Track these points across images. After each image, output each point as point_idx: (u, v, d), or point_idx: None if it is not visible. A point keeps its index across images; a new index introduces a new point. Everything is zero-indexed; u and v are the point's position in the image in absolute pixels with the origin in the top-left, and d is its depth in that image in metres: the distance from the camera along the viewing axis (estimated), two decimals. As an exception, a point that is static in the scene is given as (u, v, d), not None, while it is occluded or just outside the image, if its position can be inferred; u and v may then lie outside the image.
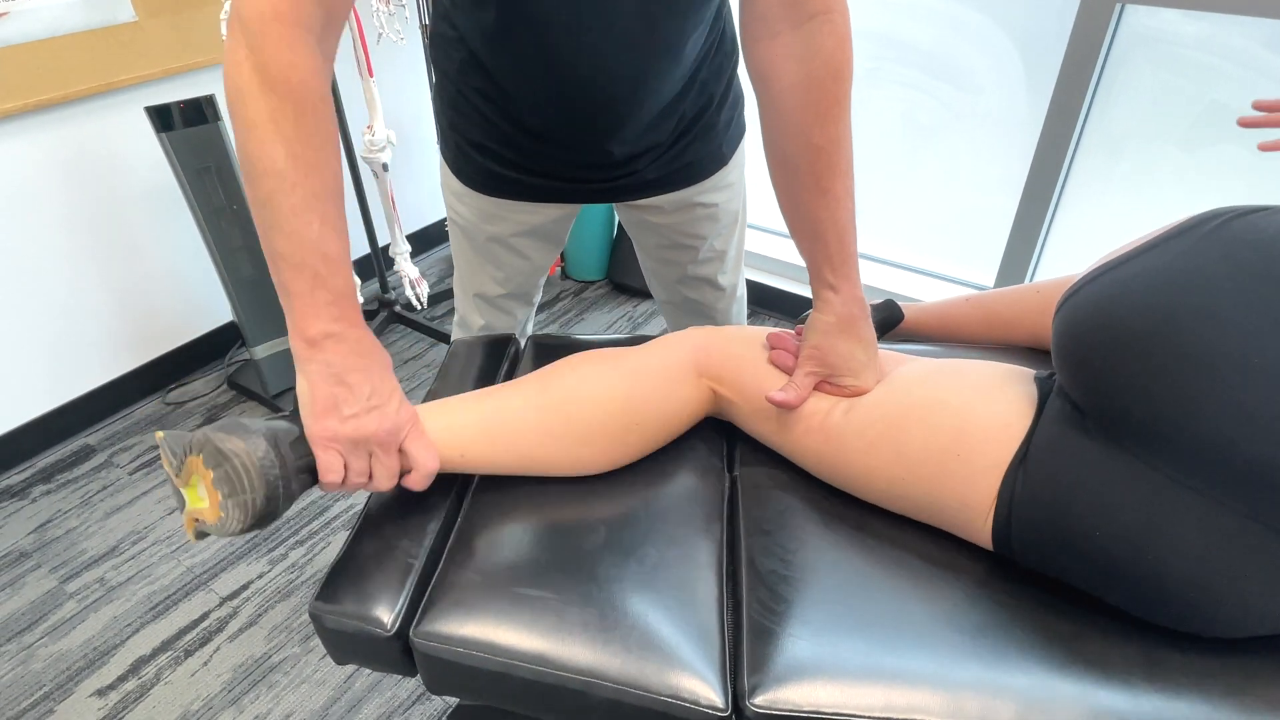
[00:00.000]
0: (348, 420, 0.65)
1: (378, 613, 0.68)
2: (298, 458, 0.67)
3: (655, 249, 1.16)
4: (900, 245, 2.11)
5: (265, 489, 0.64)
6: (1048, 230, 1.81)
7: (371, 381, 0.66)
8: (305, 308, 0.64)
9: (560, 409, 0.76)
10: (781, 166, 0.78)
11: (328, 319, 0.64)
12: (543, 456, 0.76)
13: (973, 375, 0.74)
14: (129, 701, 1.33)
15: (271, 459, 0.64)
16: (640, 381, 0.79)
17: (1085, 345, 0.64)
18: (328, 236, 0.63)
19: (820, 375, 0.77)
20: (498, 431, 0.75)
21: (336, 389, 0.65)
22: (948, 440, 0.69)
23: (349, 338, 0.65)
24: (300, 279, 0.63)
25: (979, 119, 1.83)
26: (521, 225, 1.07)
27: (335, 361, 0.65)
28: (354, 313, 0.66)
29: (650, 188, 1.05)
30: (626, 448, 0.79)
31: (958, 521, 0.71)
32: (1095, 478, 0.62)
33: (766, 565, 0.71)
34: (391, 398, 0.68)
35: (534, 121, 0.92)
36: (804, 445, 0.78)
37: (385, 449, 0.68)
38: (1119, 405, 0.61)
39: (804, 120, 0.74)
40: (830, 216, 0.75)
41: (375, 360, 0.67)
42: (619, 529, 0.73)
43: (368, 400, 0.66)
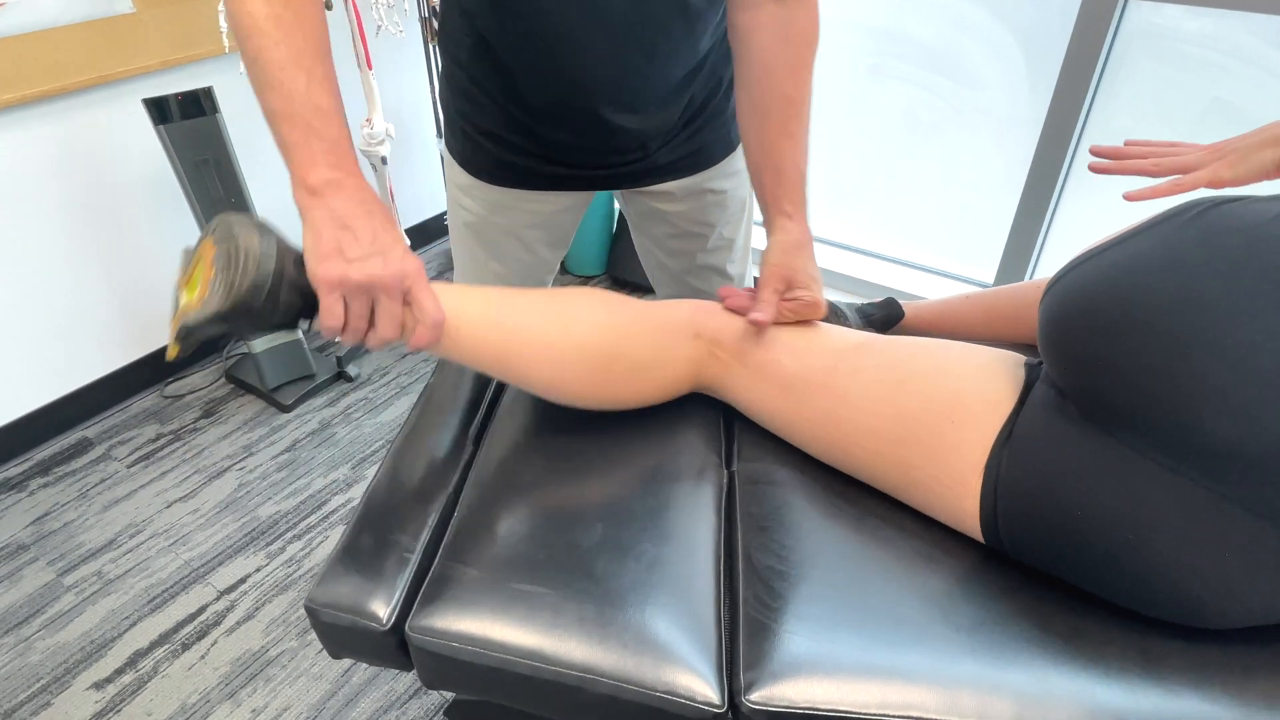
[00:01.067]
0: (353, 262, 0.64)
1: (373, 607, 0.68)
2: (298, 275, 0.67)
3: (664, 239, 1.16)
4: (901, 241, 2.10)
5: (256, 275, 0.65)
6: (1048, 227, 1.80)
7: (374, 227, 0.66)
8: (303, 157, 0.66)
9: (560, 318, 0.78)
10: (754, 113, 0.86)
11: (325, 166, 0.66)
12: (529, 361, 0.77)
13: (968, 352, 0.76)
14: (126, 694, 1.33)
15: (272, 254, 0.66)
16: (638, 321, 0.82)
17: (1065, 329, 0.65)
18: (316, 90, 0.66)
19: (781, 292, 0.82)
20: (495, 320, 0.76)
21: (341, 233, 0.65)
22: (944, 407, 0.71)
23: (348, 185, 0.67)
24: (295, 130, 0.65)
25: (980, 115, 1.83)
26: (533, 216, 1.07)
27: (338, 207, 0.65)
28: (351, 162, 0.68)
29: (661, 173, 1.05)
30: (610, 381, 0.80)
31: (949, 504, 0.71)
32: (1076, 460, 0.63)
33: (763, 561, 0.70)
34: (395, 245, 0.67)
35: (542, 100, 0.92)
36: (806, 404, 0.78)
37: (390, 294, 0.66)
38: (1098, 388, 0.62)
39: (779, 74, 0.84)
40: (793, 155, 0.85)
41: (377, 208, 0.68)
42: (616, 525, 0.73)
43: (371, 244, 0.65)
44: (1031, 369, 0.72)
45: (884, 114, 1.96)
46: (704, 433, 0.85)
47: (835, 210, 2.17)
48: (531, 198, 1.04)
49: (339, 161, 0.66)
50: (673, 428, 0.85)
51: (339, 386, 2.00)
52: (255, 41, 0.65)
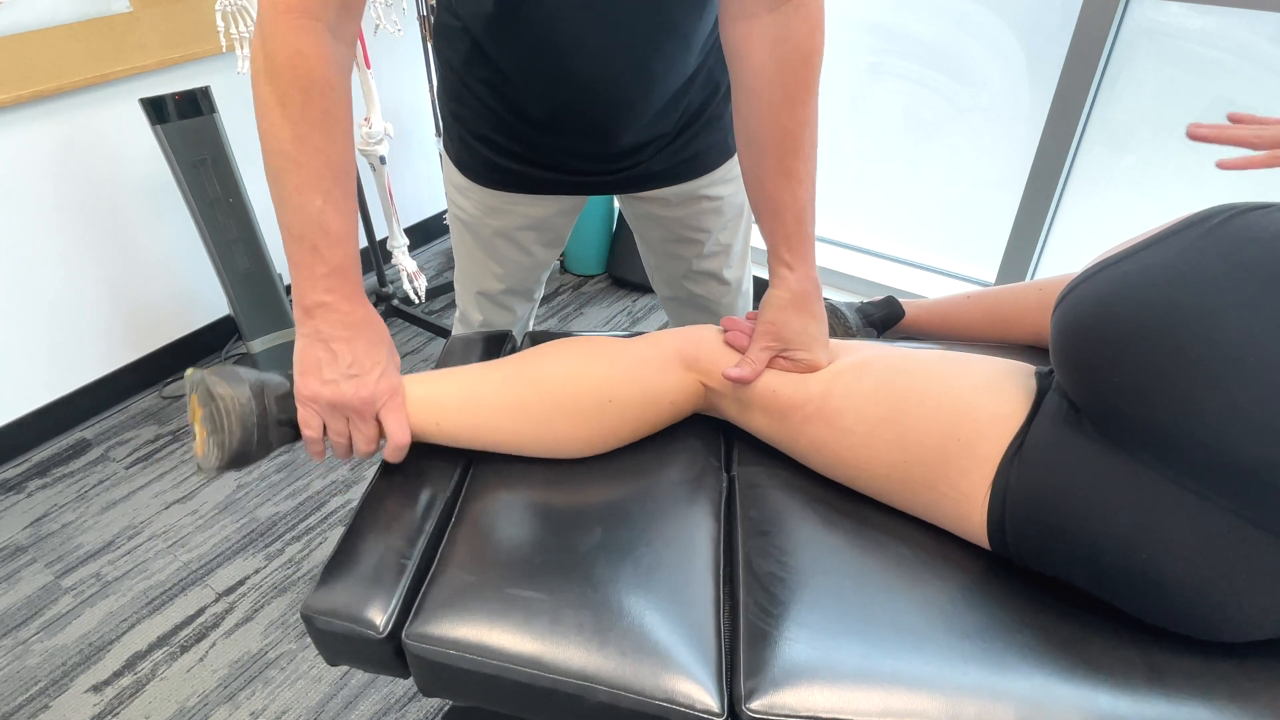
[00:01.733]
0: (326, 383, 0.70)
1: (370, 614, 0.67)
2: (280, 411, 0.72)
3: (660, 243, 1.15)
4: (901, 240, 2.10)
5: (241, 432, 0.70)
6: (1050, 225, 1.80)
7: (354, 351, 0.70)
8: (303, 278, 0.69)
9: (535, 382, 0.78)
10: (749, 145, 0.80)
11: (321, 290, 0.69)
12: (517, 430, 0.78)
13: (973, 365, 0.74)
14: (124, 697, 1.33)
15: (252, 407, 0.71)
16: (618, 361, 0.80)
17: (1081, 343, 0.64)
18: (328, 213, 0.68)
19: (775, 350, 0.79)
20: (474, 403, 0.77)
21: (321, 353, 0.70)
22: (948, 424, 0.69)
23: (339, 309, 0.70)
24: (300, 250, 0.69)
25: (982, 113, 1.82)
26: (525, 219, 1.06)
27: (324, 329, 0.70)
28: (348, 286, 0.71)
29: (655, 180, 1.04)
30: (603, 426, 0.79)
31: (955, 514, 0.70)
32: (1090, 475, 0.62)
33: (763, 567, 0.70)
34: (373, 369, 0.71)
35: (538, 111, 0.91)
36: (803, 433, 0.77)
37: (360, 416, 0.72)
38: (1114, 403, 0.61)
39: (773, 102, 0.76)
40: (791, 197, 0.78)
41: (363, 332, 0.71)
42: (615, 529, 0.72)
43: (348, 368, 0.70)
44: (1042, 378, 0.71)
45: (884, 112, 1.95)
46: (704, 437, 0.85)
47: (835, 209, 2.16)
48: (525, 201, 1.03)
49: (336, 285, 0.70)
50: (672, 432, 0.84)
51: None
52: (277, 162, 0.68)
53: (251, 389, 0.71)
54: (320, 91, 0.67)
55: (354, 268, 0.71)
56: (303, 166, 0.67)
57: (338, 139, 0.69)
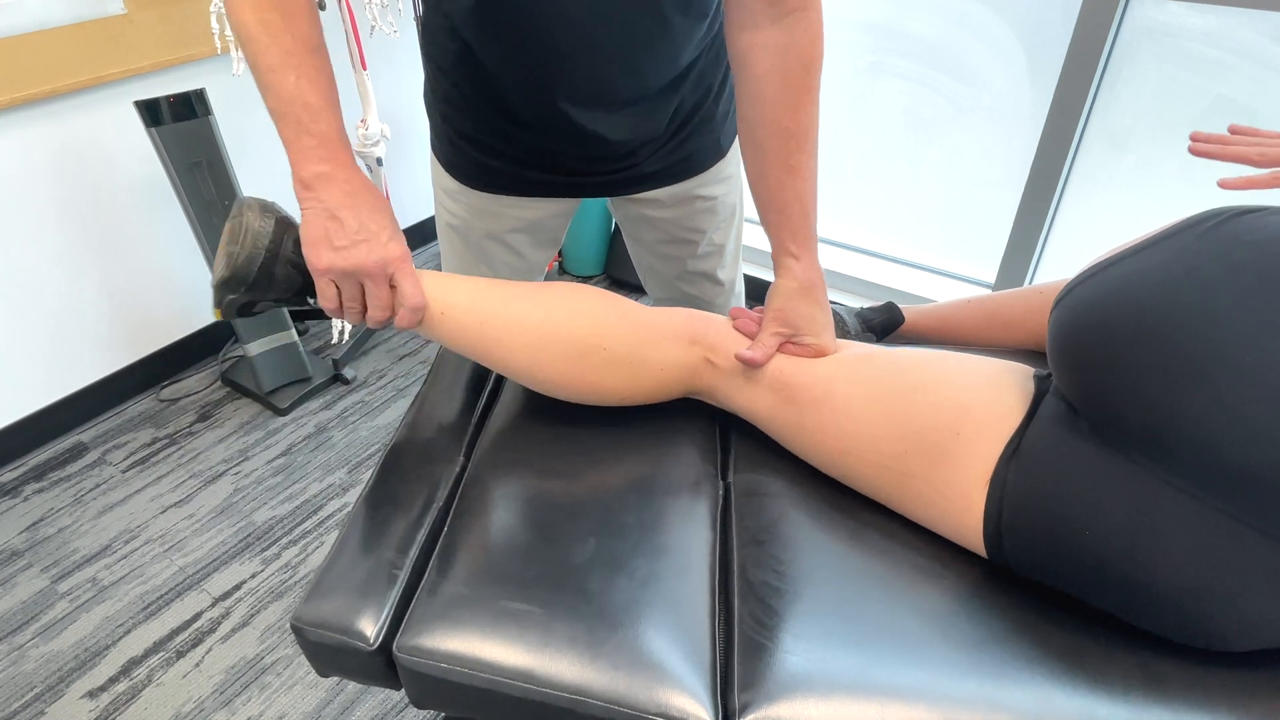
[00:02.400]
0: (339, 250, 0.71)
1: (360, 626, 0.66)
2: (295, 253, 0.75)
3: (654, 244, 1.15)
4: (901, 241, 2.08)
5: (249, 250, 0.73)
6: (1050, 225, 1.79)
7: (359, 217, 0.71)
8: (295, 153, 0.71)
9: (541, 303, 0.79)
10: (752, 146, 0.82)
11: (315, 160, 0.71)
12: (508, 343, 0.78)
13: (974, 365, 0.74)
14: (120, 703, 1.32)
15: (268, 234, 0.74)
16: (623, 317, 0.81)
17: (1078, 345, 0.63)
18: (305, 87, 0.70)
19: (784, 335, 0.80)
20: (478, 302, 0.79)
21: (328, 223, 0.71)
22: (948, 419, 0.69)
23: (337, 177, 0.71)
24: (287, 128, 0.71)
25: (982, 113, 1.81)
26: (518, 221, 1.05)
27: (327, 198, 0.71)
28: (341, 154, 0.72)
29: (649, 181, 1.03)
30: (588, 369, 0.79)
31: (951, 515, 0.69)
32: (1086, 477, 0.61)
33: (759, 577, 0.69)
34: (380, 233, 0.72)
35: (527, 112, 0.91)
36: (806, 417, 0.76)
37: (374, 279, 0.73)
38: (1111, 406, 0.61)
39: (777, 106, 0.79)
40: (795, 192, 0.81)
41: (364, 198, 0.72)
42: (609, 540, 0.71)
43: (356, 234, 0.71)
44: (1041, 381, 0.70)
45: (884, 112, 1.94)
46: (699, 443, 0.84)
47: (835, 209, 2.15)
48: (516, 203, 1.02)
49: (329, 155, 0.71)
50: (667, 439, 0.84)
51: (335, 389, 1.99)
52: (250, 48, 0.70)
53: (277, 224, 0.75)
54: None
55: (341, 138, 0.73)
56: (271, 48, 0.70)
57: (302, 16, 0.71)
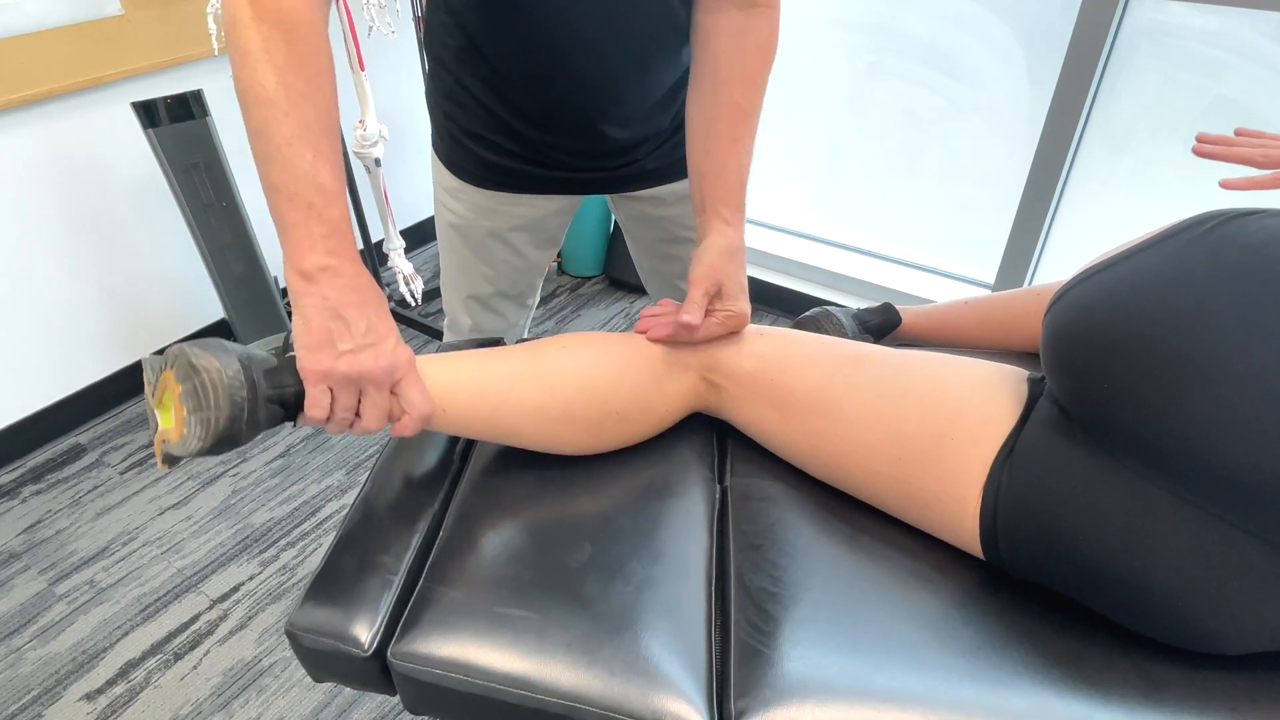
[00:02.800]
0: (343, 356, 0.63)
1: (355, 632, 0.66)
2: (270, 387, 0.65)
3: (654, 244, 1.14)
4: (900, 242, 2.08)
5: (230, 409, 0.62)
6: (1050, 226, 1.78)
7: (368, 317, 0.65)
8: (300, 239, 0.63)
9: (544, 382, 0.76)
10: (702, 115, 0.84)
11: (323, 252, 0.63)
12: (519, 428, 0.76)
13: (969, 368, 0.74)
14: (117, 706, 1.32)
15: (240, 381, 0.63)
16: (629, 370, 0.79)
17: (1070, 348, 0.63)
18: (321, 168, 0.63)
19: (712, 293, 0.79)
20: (480, 394, 0.74)
21: (333, 323, 0.63)
22: (944, 423, 0.69)
23: (344, 272, 0.64)
24: (294, 210, 0.63)
25: (981, 113, 1.80)
26: (519, 219, 1.05)
27: (331, 296, 0.63)
28: (349, 247, 0.66)
29: (650, 178, 1.03)
30: (604, 433, 0.78)
31: (948, 519, 0.69)
32: (1079, 481, 0.61)
33: (755, 582, 0.68)
34: (388, 336, 0.66)
35: (532, 107, 0.91)
36: (802, 424, 0.76)
37: (378, 387, 0.66)
38: (1103, 409, 0.60)
39: (730, 80, 0.82)
40: (736, 162, 0.83)
41: (371, 297, 0.66)
42: (605, 545, 0.71)
43: (364, 336, 0.64)
44: (1035, 384, 0.70)
45: (883, 112, 1.93)
46: (696, 447, 0.83)
47: (833, 210, 2.15)
48: (518, 201, 1.02)
49: (337, 247, 0.64)
50: (665, 443, 0.83)
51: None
52: (262, 113, 0.62)
53: (240, 361, 0.64)
54: (304, 35, 0.63)
55: (349, 229, 0.67)
56: (290, 117, 0.62)
57: (324, 86, 0.65)
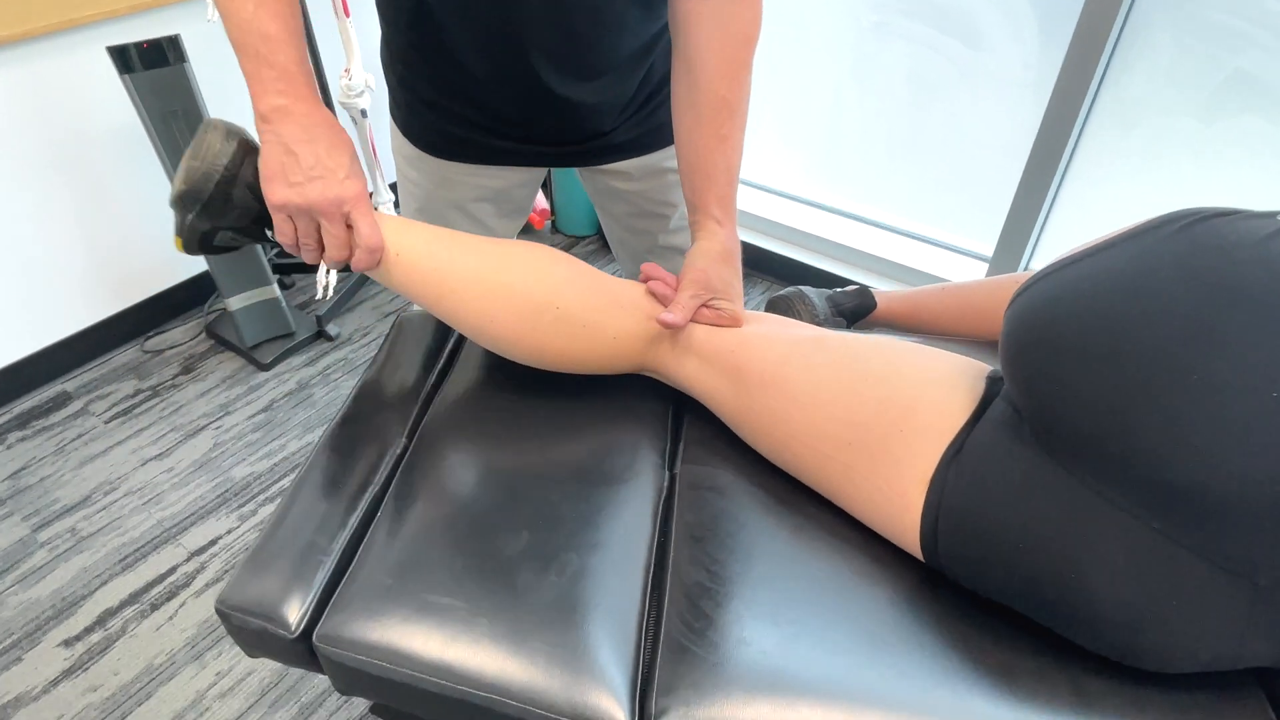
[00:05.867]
0: (293, 186, 0.69)
1: (283, 612, 0.65)
2: (255, 176, 0.72)
3: (624, 218, 1.11)
4: (898, 210, 2.03)
5: (206, 166, 0.71)
6: (1052, 201, 1.72)
7: (316, 152, 0.69)
8: (254, 85, 0.70)
9: (497, 257, 0.78)
10: (687, 111, 0.82)
11: (274, 93, 0.69)
12: (460, 293, 0.76)
13: (928, 358, 0.72)
14: (94, 653, 1.35)
15: (228, 155, 0.72)
16: (578, 280, 0.79)
17: (1023, 345, 0.61)
18: (262, 16, 0.68)
19: (703, 298, 0.78)
20: (435, 250, 0.77)
21: (285, 158, 0.69)
22: (896, 412, 0.67)
23: (296, 111, 0.70)
24: (246, 59, 0.69)
25: (988, 78, 1.73)
26: (482, 190, 1.02)
27: (285, 132, 0.69)
28: (302, 88, 0.71)
29: (618, 151, 0.99)
30: (539, 327, 0.77)
31: (892, 513, 0.67)
32: (1022, 485, 0.59)
33: (691, 576, 0.67)
34: (337, 169, 0.70)
35: (489, 72, 0.87)
36: (756, 400, 0.74)
37: (329, 217, 0.71)
38: (1051, 411, 0.58)
39: (713, 74, 0.79)
40: (724, 160, 0.81)
41: (322, 133, 0.70)
42: (543, 532, 0.70)
43: (311, 170, 0.69)
44: (993, 382, 0.68)
45: (887, 75, 1.86)
46: (650, 429, 0.82)
47: (831, 174, 2.09)
48: (478, 172, 0.99)
49: (287, 88, 0.70)
50: (617, 423, 0.82)
51: (319, 345, 1.97)
52: None
53: (240, 146, 0.73)
54: None
55: (302, 72, 0.71)
56: None
57: None
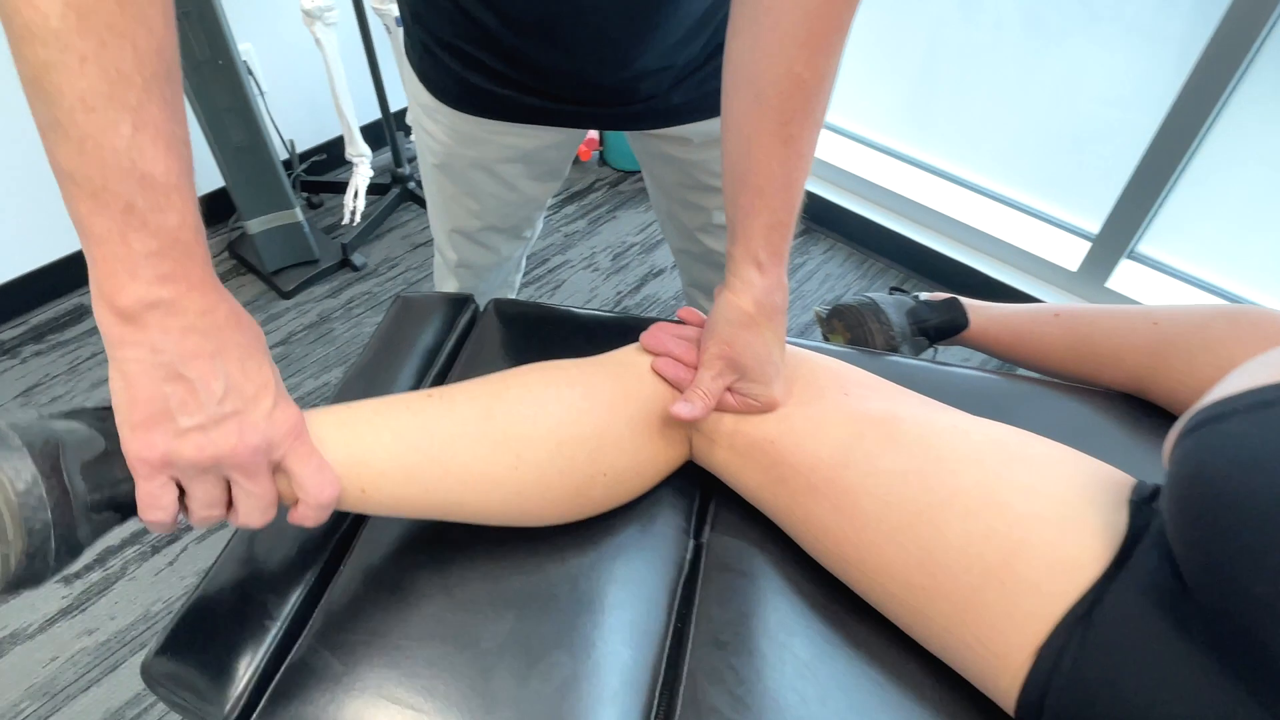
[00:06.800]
0: (187, 434, 0.44)
1: (215, 693, 0.54)
2: (94, 488, 0.45)
3: (675, 189, 0.94)
4: (992, 170, 1.77)
5: (25, 543, 0.42)
6: (1178, 177, 1.47)
7: (226, 374, 0.45)
8: (112, 261, 0.41)
9: (507, 448, 0.56)
10: (743, 91, 0.55)
11: (150, 279, 0.42)
12: (476, 505, 0.57)
13: (1045, 470, 0.54)
14: (93, 594, 1.30)
15: (41, 495, 0.43)
16: (618, 413, 0.60)
17: (1210, 505, 0.43)
18: (144, 144, 0.40)
19: (728, 379, 0.59)
20: (418, 465, 0.54)
21: (168, 387, 0.43)
22: (995, 558, 0.50)
23: (187, 307, 0.43)
24: (103, 216, 0.40)
25: (1123, 25, 1.45)
26: (510, 150, 0.85)
27: (167, 346, 0.43)
28: (196, 265, 0.43)
29: (675, 115, 0.82)
30: (588, 499, 0.61)
31: (978, 670, 0.52)
32: (1180, 686, 0.44)
33: (709, 699, 0.54)
34: (261, 396, 0.46)
35: (529, 15, 0.69)
36: (800, 506, 0.59)
37: (249, 473, 0.46)
38: (1237, 603, 0.42)
39: (789, 39, 0.52)
40: (786, 172, 0.55)
41: (232, 339, 0.45)
42: (531, 620, 0.57)
43: (220, 404, 0.44)
44: (1138, 508, 0.50)
45: (999, 9, 1.59)
46: (672, 485, 0.67)
47: (916, 120, 1.83)
48: (506, 130, 0.82)
49: (174, 269, 0.42)
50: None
51: (343, 275, 1.85)
52: (38, 51, 0.38)
53: (38, 462, 0.43)
54: None
55: (195, 233, 0.43)
56: (90, 63, 0.38)
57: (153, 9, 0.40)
